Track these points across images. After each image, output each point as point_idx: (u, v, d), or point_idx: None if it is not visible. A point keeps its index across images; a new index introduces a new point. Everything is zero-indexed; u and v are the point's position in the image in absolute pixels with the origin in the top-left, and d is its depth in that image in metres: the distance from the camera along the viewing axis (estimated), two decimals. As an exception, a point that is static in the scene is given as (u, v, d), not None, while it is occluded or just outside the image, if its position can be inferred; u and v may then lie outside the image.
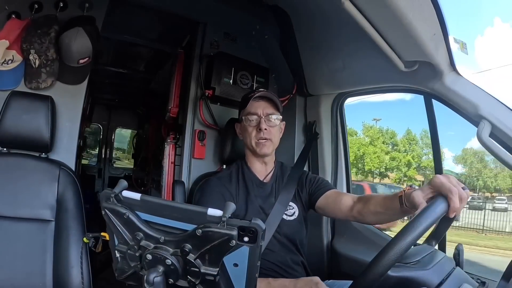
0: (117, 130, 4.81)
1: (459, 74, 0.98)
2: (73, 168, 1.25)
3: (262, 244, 0.50)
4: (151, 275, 0.50)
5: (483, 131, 0.89)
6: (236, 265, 0.52)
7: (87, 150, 4.46)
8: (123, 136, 5.67)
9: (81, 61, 1.29)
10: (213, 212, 0.50)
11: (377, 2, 0.84)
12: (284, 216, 1.14)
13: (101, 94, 3.78)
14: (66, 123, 1.32)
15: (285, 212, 1.15)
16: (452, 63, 0.96)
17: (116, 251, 0.57)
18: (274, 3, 1.43)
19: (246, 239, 0.49)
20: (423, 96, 1.15)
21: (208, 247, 0.50)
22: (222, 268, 0.53)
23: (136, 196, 0.54)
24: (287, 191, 1.18)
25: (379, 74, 1.19)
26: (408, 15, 0.82)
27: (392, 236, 0.64)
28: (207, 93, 1.52)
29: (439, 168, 1.20)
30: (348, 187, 1.54)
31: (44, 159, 1.18)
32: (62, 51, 1.25)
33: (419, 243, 0.82)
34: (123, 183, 0.55)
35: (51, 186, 1.13)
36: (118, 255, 0.57)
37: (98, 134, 4.66)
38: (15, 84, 1.22)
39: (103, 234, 0.76)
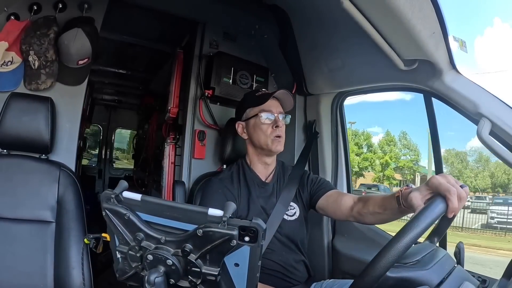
0: (117, 131, 4.81)
1: (459, 73, 0.98)
2: (73, 169, 1.25)
3: (263, 243, 0.50)
4: (152, 275, 0.51)
5: (483, 129, 0.89)
6: (237, 265, 0.52)
7: (87, 150, 4.46)
8: (123, 136, 5.67)
9: (80, 62, 1.29)
10: (213, 212, 0.50)
11: (376, 1, 0.83)
12: (285, 217, 1.14)
13: (101, 95, 3.79)
14: (66, 124, 1.32)
15: (286, 213, 1.15)
16: (452, 61, 0.96)
17: (117, 252, 0.57)
18: (273, 3, 1.43)
19: (247, 238, 0.49)
20: (422, 95, 1.15)
21: (209, 247, 0.50)
22: (223, 268, 0.53)
23: (137, 196, 0.54)
24: (288, 191, 1.18)
25: (379, 73, 1.18)
26: (407, 14, 0.81)
27: (393, 235, 0.64)
28: (206, 93, 1.52)
29: (439, 168, 1.19)
30: (349, 185, 1.54)
31: (44, 160, 1.18)
32: (62, 52, 1.25)
33: (421, 240, 0.82)
34: (123, 183, 0.55)
35: (51, 187, 1.13)
36: (119, 255, 0.57)
37: (98, 135, 4.66)
38: (15, 86, 1.22)
39: (103, 235, 0.75)
